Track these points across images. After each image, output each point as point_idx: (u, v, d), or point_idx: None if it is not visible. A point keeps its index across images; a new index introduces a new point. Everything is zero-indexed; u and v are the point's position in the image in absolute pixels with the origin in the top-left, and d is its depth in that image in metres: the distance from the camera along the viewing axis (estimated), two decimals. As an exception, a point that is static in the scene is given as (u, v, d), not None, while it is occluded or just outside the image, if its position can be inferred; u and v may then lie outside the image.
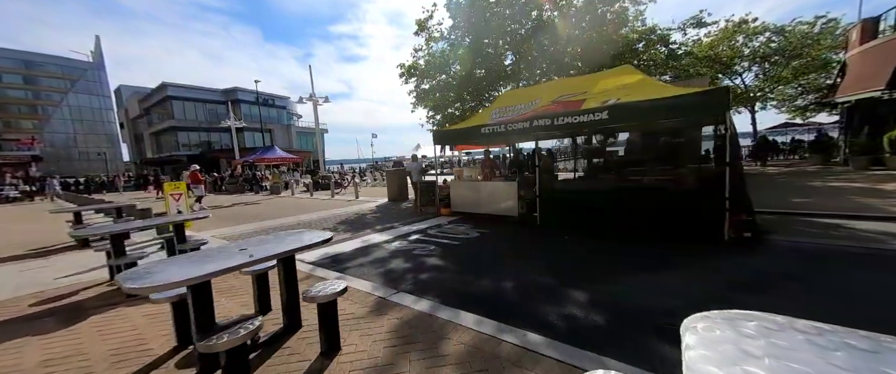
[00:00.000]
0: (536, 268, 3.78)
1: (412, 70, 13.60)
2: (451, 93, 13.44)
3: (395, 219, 7.46)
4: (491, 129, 6.28)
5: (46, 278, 4.12)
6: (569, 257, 4.19)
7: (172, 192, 5.64)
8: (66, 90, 55.80)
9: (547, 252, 4.43)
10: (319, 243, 2.43)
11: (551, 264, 3.91)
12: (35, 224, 9.52)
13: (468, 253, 4.55)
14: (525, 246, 4.89)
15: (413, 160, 9.42)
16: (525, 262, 4.07)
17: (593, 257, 4.14)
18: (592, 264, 3.83)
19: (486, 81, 12.41)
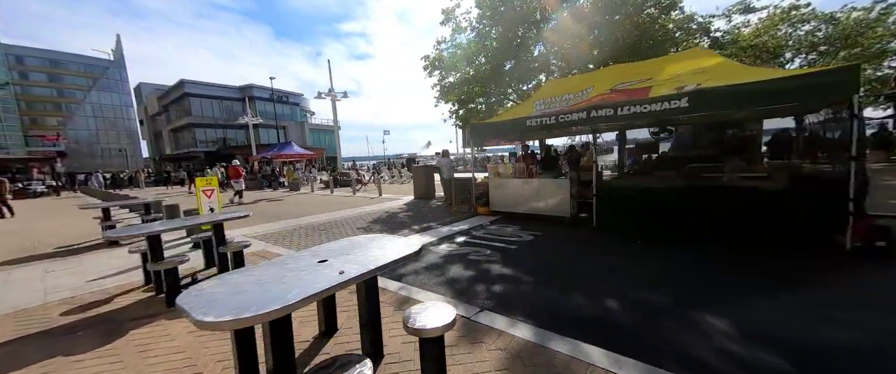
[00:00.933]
0: (628, 281, 3.24)
1: (437, 62, 13.09)
2: (476, 86, 12.90)
3: (430, 218, 6.99)
4: (538, 121, 5.73)
5: (77, 281, 3.79)
6: (657, 267, 3.62)
7: (204, 187, 5.28)
8: (89, 88, 57.33)
9: (627, 261, 3.85)
10: (411, 256, 1.97)
11: (643, 276, 3.35)
12: (63, 219, 9.42)
13: (533, 261, 4.03)
14: (596, 253, 4.31)
15: (443, 156, 8.91)
16: (609, 273, 3.53)
17: (687, 268, 3.57)
18: (694, 279, 3.26)
19: (516, 73, 11.81)
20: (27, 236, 7.12)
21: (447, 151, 8.82)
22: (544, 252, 4.39)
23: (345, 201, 11.01)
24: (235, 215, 3.62)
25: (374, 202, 10.08)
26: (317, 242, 5.34)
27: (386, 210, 8.40)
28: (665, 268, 3.58)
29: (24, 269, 4.44)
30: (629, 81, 5.57)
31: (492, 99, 13.01)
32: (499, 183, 6.90)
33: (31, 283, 3.82)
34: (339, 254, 1.99)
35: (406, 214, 7.77)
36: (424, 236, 5.42)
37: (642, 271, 3.52)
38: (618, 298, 2.86)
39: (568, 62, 10.87)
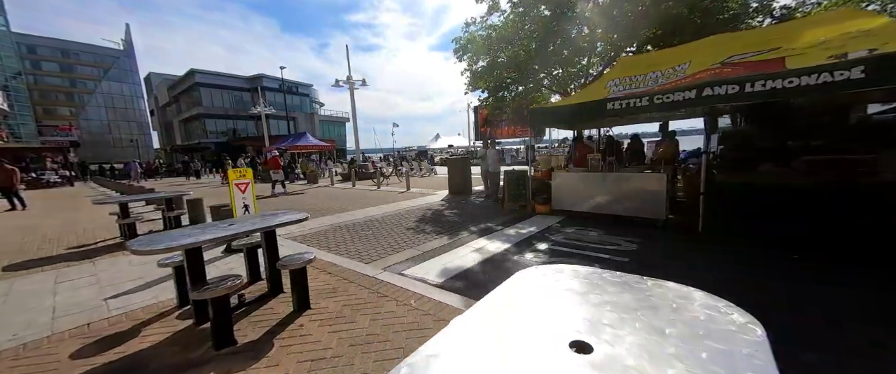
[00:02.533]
0: (833, 313, 2.35)
1: (468, 45, 12.06)
2: (510, 72, 11.85)
3: (482, 217, 6.13)
4: (623, 103, 4.80)
5: (93, 297, 3.03)
6: (872, 300, 2.71)
7: (238, 181, 4.48)
8: (100, 78, 57.22)
9: (821, 290, 2.84)
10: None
11: (869, 314, 2.46)
12: (76, 213, 8.79)
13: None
14: (751, 273, 3.25)
15: (489, 147, 7.98)
16: (787, 300, 2.65)
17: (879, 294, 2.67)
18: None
19: (556, 56, 10.70)
20: (38, 231, 6.45)
21: (494, 140, 7.89)
22: (675, 268, 3.50)
23: (373, 195, 10.21)
24: (293, 219, 2.80)
25: (407, 197, 9.26)
26: (374, 245, 4.53)
27: (426, 207, 7.56)
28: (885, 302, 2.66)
29: (32, 277, 3.71)
30: (742, 53, 4.58)
31: (529, 84, 11.94)
32: (566, 177, 5.98)
33: (39, 298, 3.08)
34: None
35: (452, 211, 6.92)
36: (492, 240, 4.57)
37: (850, 302, 2.62)
38: (834, 338, 1.98)
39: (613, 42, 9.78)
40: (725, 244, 3.99)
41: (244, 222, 2.74)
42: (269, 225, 2.64)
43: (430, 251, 4.19)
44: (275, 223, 2.68)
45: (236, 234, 2.43)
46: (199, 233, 2.43)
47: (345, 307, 2.62)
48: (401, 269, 3.58)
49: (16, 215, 9.17)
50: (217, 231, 2.47)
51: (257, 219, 2.95)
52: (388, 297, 2.77)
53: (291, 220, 2.79)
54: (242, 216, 4.55)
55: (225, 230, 2.50)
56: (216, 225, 2.74)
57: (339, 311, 2.56)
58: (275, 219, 2.82)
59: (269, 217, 2.96)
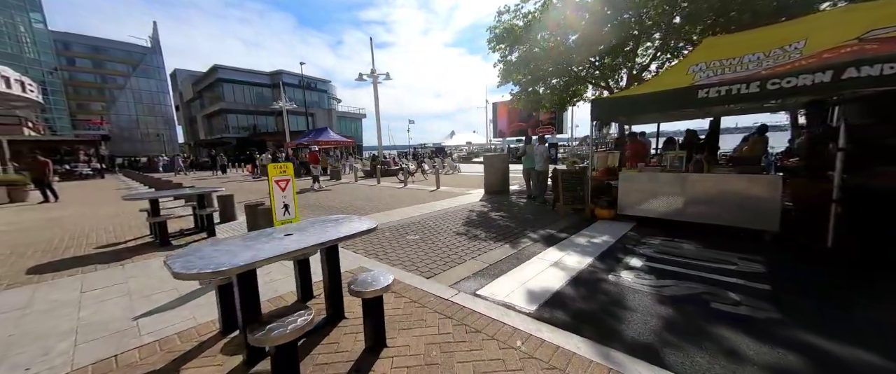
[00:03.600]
0: None
1: (505, 35, 11.30)
2: (549, 64, 11.03)
3: (537, 222, 5.45)
4: (721, 90, 4.03)
5: (120, 315, 2.56)
6: None
7: (278, 177, 3.98)
8: (129, 74, 59.27)
9: None
10: None
11: None
12: (106, 207, 8.64)
13: (843, 322, 2.42)
14: None
15: (538, 142, 7.23)
16: None
17: None
18: None
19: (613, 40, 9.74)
20: (68, 226, 6.22)
21: (543, 136, 7.15)
22: (855, 314, 2.75)
23: (403, 194, 9.68)
24: (359, 229, 2.23)
25: (440, 197, 8.67)
26: (427, 254, 3.95)
27: (466, 208, 6.94)
28: None
29: (57, 283, 3.31)
30: (888, 26, 3.72)
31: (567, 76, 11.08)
32: (636, 179, 5.22)
33: (61, 313, 2.64)
34: None
35: (498, 213, 6.27)
36: (566, 251, 3.90)
37: None
38: None
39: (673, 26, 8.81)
40: (884, 269, 3.17)
41: (303, 234, 2.18)
42: (331, 238, 2.06)
43: (497, 264, 3.57)
44: (339, 237, 2.10)
45: (297, 251, 1.87)
46: (250, 248, 1.88)
47: (430, 346, 2.02)
48: (473, 287, 2.98)
49: (48, 207, 9.13)
50: (272, 247, 1.92)
51: (312, 227, 2.39)
52: (480, 332, 2.16)
53: (358, 231, 2.21)
54: (289, 221, 4.06)
55: (282, 246, 1.94)
56: (267, 236, 2.19)
57: (425, 352, 1.96)
58: (336, 229, 2.25)
59: (328, 226, 2.39)
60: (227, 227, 5.58)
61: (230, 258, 1.71)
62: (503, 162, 8.95)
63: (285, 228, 2.43)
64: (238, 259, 1.68)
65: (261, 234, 2.27)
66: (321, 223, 2.50)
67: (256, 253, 1.77)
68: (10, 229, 6.12)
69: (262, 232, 2.32)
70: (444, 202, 7.73)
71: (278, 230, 2.35)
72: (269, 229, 2.38)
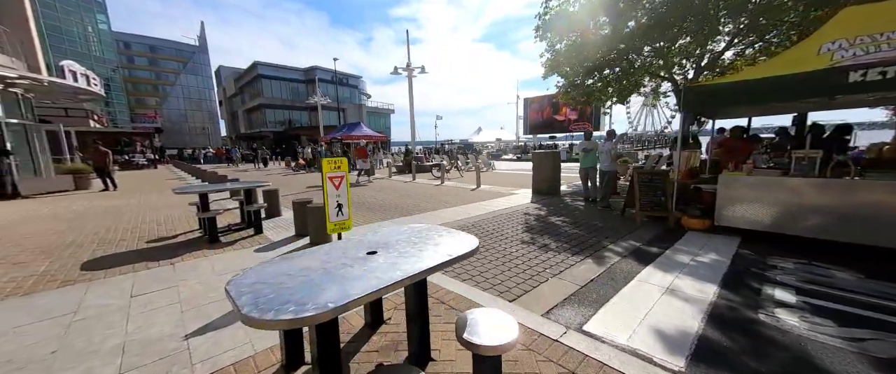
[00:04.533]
0: None
1: (555, 21, 10.38)
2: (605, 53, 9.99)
3: (611, 230, 4.70)
4: (886, 72, 3.09)
5: (170, 331, 2.22)
6: None
7: (332, 174, 3.57)
8: (179, 72, 63.68)
9: None
10: None
11: None
12: (157, 198, 8.89)
13: None
14: None
15: (607, 138, 6.36)
16: None
17: None
18: None
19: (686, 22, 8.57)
20: (124, 216, 6.32)
21: (613, 131, 6.28)
22: None
23: (443, 192, 9.18)
24: (461, 253, 1.69)
25: (484, 197, 8.06)
26: (499, 268, 3.38)
27: (519, 210, 6.29)
28: None
29: (107, 283, 3.11)
30: None
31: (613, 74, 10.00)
32: (746, 184, 4.30)
33: (109, 322, 2.35)
34: None
35: (558, 218, 5.57)
36: (674, 273, 3.16)
37: None
38: None
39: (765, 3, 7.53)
40: None
41: (390, 253, 1.67)
42: (435, 264, 1.53)
43: (589, 286, 2.93)
44: (443, 262, 1.57)
45: (400, 283, 1.35)
46: (331, 273, 1.39)
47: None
48: (575, 320, 2.37)
49: (107, 195, 9.59)
50: (361, 273, 1.42)
51: (396, 241, 1.88)
52: (628, 400, 1.55)
53: (460, 255, 1.66)
54: (343, 223, 3.66)
55: (374, 274, 1.43)
56: (345, 253, 1.71)
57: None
58: (431, 247, 1.71)
59: (415, 242, 1.87)
60: (272, 223, 5.34)
61: (311, 293, 1.23)
62: (555, 160, 8.16)
63: (362, 240, 1.94)
64: (325, 297, 1.19)
65: (333, 249, 1.79)
66: (405, 237, 1.98)
67: (346, 287, 1.28)
68: (74, 217, 6.31)
69: (335, 247, 1.84)
70: (492, 203, 7.13)
71: (353, 244, 1.86)
72: (341, 243, 1.90)
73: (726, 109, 5.29)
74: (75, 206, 7.68)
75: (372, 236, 1.99)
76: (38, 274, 3.35)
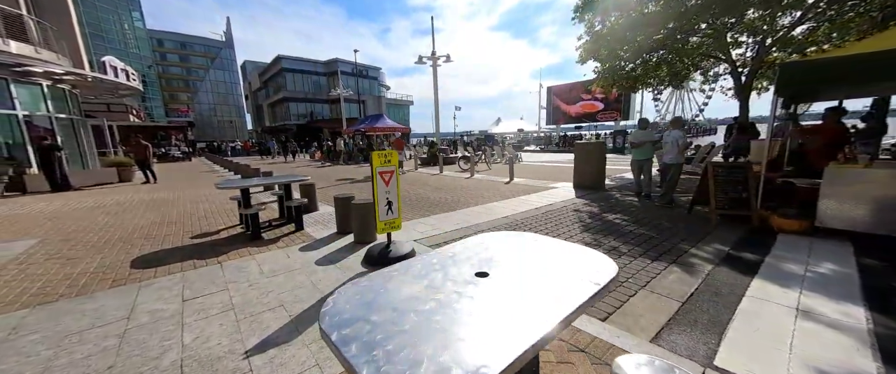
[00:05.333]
0: None
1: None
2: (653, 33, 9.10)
3: (685, 232, 4.15)
4: None
5: (227, 349, 1.99)
6: None
7: (382, 169, 3.25)
8: (207, 67, 66.00)
9: None
10: None
11: None
12: (196, 190, 9.04)
13: None
14: None
15: (672, 126, 5.67)
16: None
17: None
18: None
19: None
20: (166, 208, 6.38)
21: (680, 119, 5.57)
22: None
23: (475, 185, 8.78)
24: (606, 279, 1.31)
25: (521, 190, 7.59)
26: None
27: (567, 206, 5.80)
28: None
29: (157, 284, 2.97)
30: None
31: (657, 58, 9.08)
32: (862, 178, 3.62)
33: (164, 333, 2.16)
34: None
35: (615, 215, 5.05)
36: (795, 289, 2.64)
37: None
38: None
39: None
40: None
41: (500, 271, 1.30)
42: (575, 306, 1.15)
43: (694, 303, 2.47)
44: (583, 302, 1.18)
45: (545, 340, 0.98)
46: (445, 324, 1.04)
47: None
48: (702, 353, 1.93)
49: (149, 187, 9.88)
50: (479, 316, 1.06)
51: (502, 254, 1.51)
52: None
53: (603, 286, 1.26)
54: (393, 222, 3.37)
55: (496, 317, 1.08)
56: (444, 272, 1.36)
57: None
58: (556, 279, 1.32)
59: (535, 259, 1.49)
60: (311, 219, 5.16)
61: (442, 343, 0.88)
62: (601, 152, 7.54)
63: (455, 252, 1.58)
64: (465, 353, 0.84)
65: (425, 266, 1.44)
66: (510, 249, 1.60)
67: (482, 333, 0.92)
68: (121, 210, 6.43)
69: (426, 263, 1.49)
70: (533, 198, 6.66)
71: (447, 258, 1.50)
72: (430, 257, 1.55)
73: (826, 89, 4.52)
74: (121, 198, 7.90)
75: (465, 247, 1.63)
76: (90, 272, 3.28)
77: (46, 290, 2.87)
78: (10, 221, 5.72)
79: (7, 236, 4.76)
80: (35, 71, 10.08)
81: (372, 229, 4.02)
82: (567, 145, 30.39)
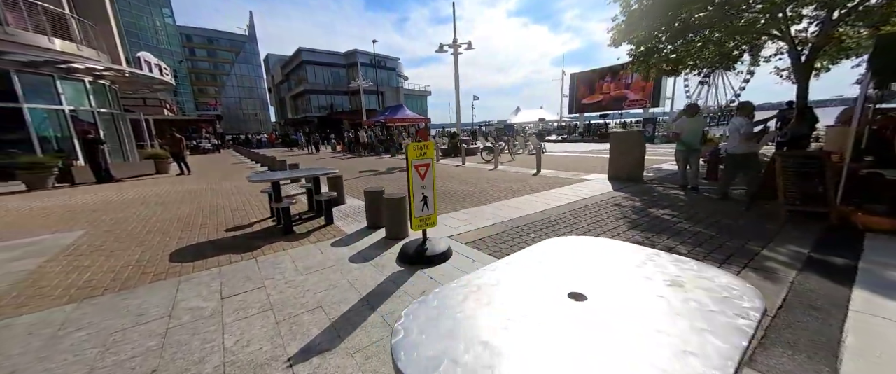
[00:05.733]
0: None
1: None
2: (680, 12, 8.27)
3: (751, 231, 3.71)
4: None
5: (269, 355, 1.88)
6: None
7: (418, 161, 3.05)
8: (233, 61, 68.04)
9: None
10: None
11: None
12: (227, 182, 9.28)
13: None
14: None
15: (740, 113, 4.96)
16: None
17: None
18: None
19: None
20: (201, 200, 6.54)
21: (748, 104, 4.91)
22: None
23: (501, 177, 8.47)
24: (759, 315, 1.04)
25: (552, 182, 7.22)
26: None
27: (607, 200, 5.41)
28: None
29: (195, 280, 2.94)
30: None
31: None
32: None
33: (204, 334, 2.09)
34: None
35: (664, 211, 4.63)
36: None
37: None
38: None
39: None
40: None
41: (613, 313, 1.06)
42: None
43: (787, 317, 2.13)
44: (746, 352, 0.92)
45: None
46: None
47: None
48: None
49: (183, 179, 10.26)
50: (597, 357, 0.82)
51: (599, 288, 1.26)
52: None
53: (740, 353, 1.00)
54: (428, 218, 3.19)
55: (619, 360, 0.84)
56: (548, 311, 1.13)
57: None
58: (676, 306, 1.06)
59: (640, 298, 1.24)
60: (339, 212, 5.08)
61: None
62: (639, 142, 7.01)
63: (551, 273, 1.35)
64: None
65: (503, 282, 1.22)
66: (596, 262, 1.36)
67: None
68: (159, 201, 6.65)
69: (499, 277, 1.26)
70: (567, 190, 6.29)
71: (520, 270, 1.28)
72: (501, 266, 1.33)
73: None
74: (159, 190, 8.21)
75: (535, 256, 1.39)
76: (132, 264, 3.32)
77: (92, 283, 2.91)
78: (61, 211, 6.03)
79: (60, 226, 4.99)
80: (78, 67, 10.56)
81: (404, 225, 3.86)
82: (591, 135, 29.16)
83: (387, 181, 8.64)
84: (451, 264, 3.06)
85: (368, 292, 2.58)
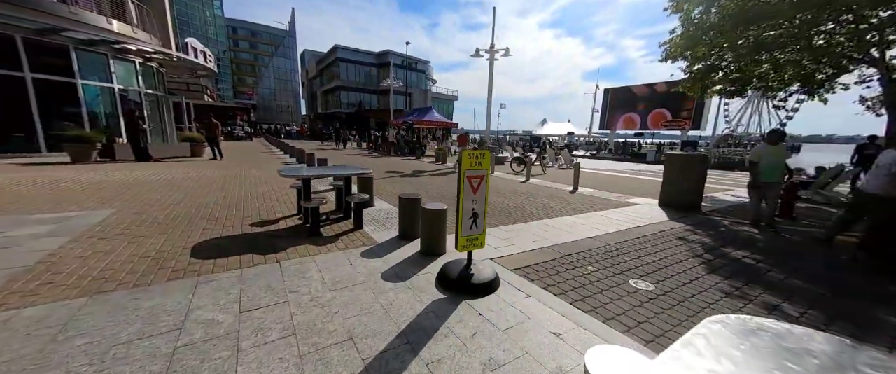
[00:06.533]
0: None
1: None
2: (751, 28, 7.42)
3: (874, 291, 3.00)
4: None
5: (293, 352, 1.49)
6: None
7: (472, 172, 2.63)
8: (272, 54, 71.14)
9: None
10: None
11: None
12: (256, 171, 9.26)
13: None
14: None
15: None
16: None
17: None
18: None
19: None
20: (229, 188, 6.43)
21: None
22: None
23: (534, 192, 7.91)
24: None
25: (592, 203, 6.58)
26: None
27: (666, 231, 4.74)
28: None
29: (214, 284, 2.64)
30: None
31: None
32: None
33: (213, 365, 1.73)
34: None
35: (741, 252, 3.93)
36: None
37: None
38: None
39: None
40: None
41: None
42: None
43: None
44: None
45: None
46: None
47: None
48: None
49: (215, 164, 10.39)
50: None
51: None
52: None
53: None
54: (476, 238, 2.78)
55: None
56: None
57: None
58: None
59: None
60: (367, 215, 4.74)
61: None
62: (701, 168, 6.26)
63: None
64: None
65: None
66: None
67: None
68: (190, 185, 6.61)
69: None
70: (612, 215, 5.65)
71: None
72: (677, 357, 0.86)
73: None
74: (191, 173, 8.27)
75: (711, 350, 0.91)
76: (153, 255, 3.09)
77: (107, 274, 2.68)
78: (96, 187, 6.08)
79: (92, 202, 4.95)
80: (130, 48, 11.02)
81: (442, 241, 3.44)
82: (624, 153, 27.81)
83: (415, 185, 8.29)
84: (500, 297, 2.59)
85: (407, 324, 2.15)
